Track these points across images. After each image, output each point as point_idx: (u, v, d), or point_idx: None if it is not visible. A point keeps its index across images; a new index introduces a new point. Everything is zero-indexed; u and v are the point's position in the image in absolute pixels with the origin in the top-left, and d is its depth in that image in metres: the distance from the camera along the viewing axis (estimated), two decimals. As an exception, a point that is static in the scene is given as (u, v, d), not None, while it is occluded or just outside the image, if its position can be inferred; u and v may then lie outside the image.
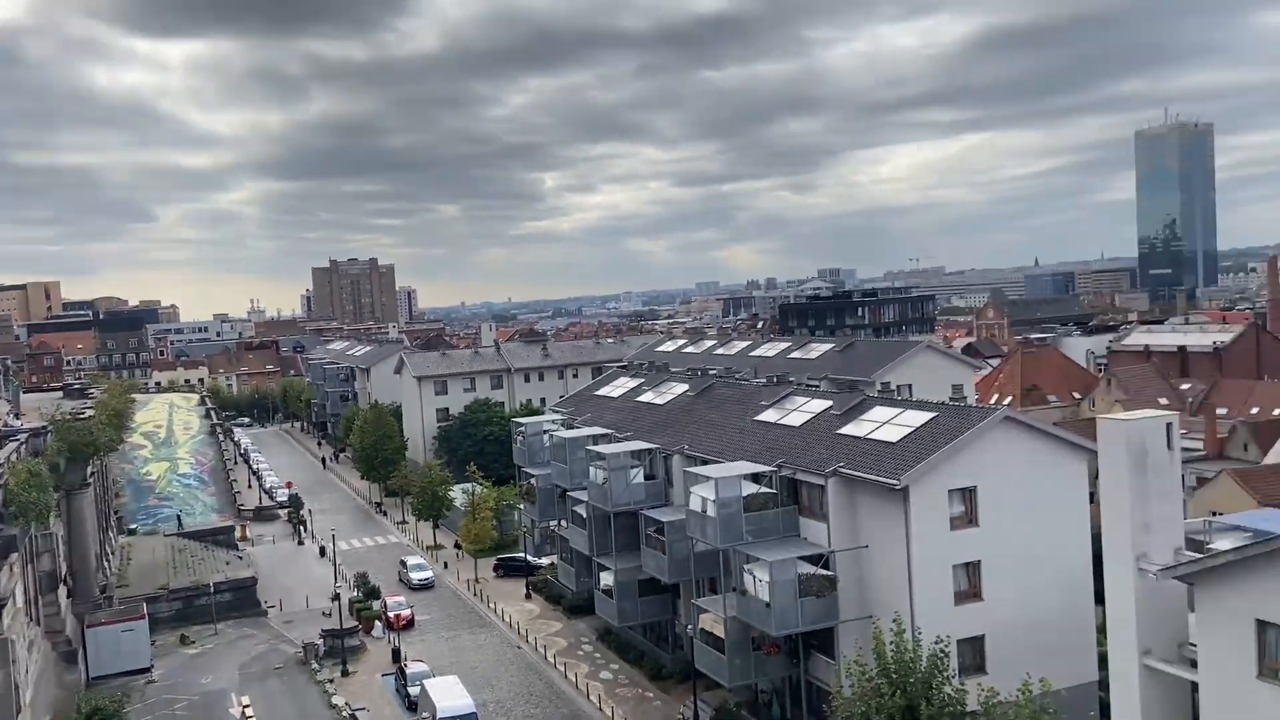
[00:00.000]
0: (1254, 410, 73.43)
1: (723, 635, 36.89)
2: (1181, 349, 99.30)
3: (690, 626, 40.09)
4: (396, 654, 49.33)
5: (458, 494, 72.63)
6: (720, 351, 77.84)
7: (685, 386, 52.42)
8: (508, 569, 63.63)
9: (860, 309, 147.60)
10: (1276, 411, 71.83)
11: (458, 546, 70.22)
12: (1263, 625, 21.61)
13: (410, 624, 54.28)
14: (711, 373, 55.34)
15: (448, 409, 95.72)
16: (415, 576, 62.38)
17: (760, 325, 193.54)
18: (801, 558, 34.82)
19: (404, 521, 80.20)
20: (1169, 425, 26.86)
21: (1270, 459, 59.67)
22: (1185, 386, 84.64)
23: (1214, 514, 39.82)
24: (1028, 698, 21.29)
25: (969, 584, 33.55)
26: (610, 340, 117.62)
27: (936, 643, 24.15)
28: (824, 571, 34.56)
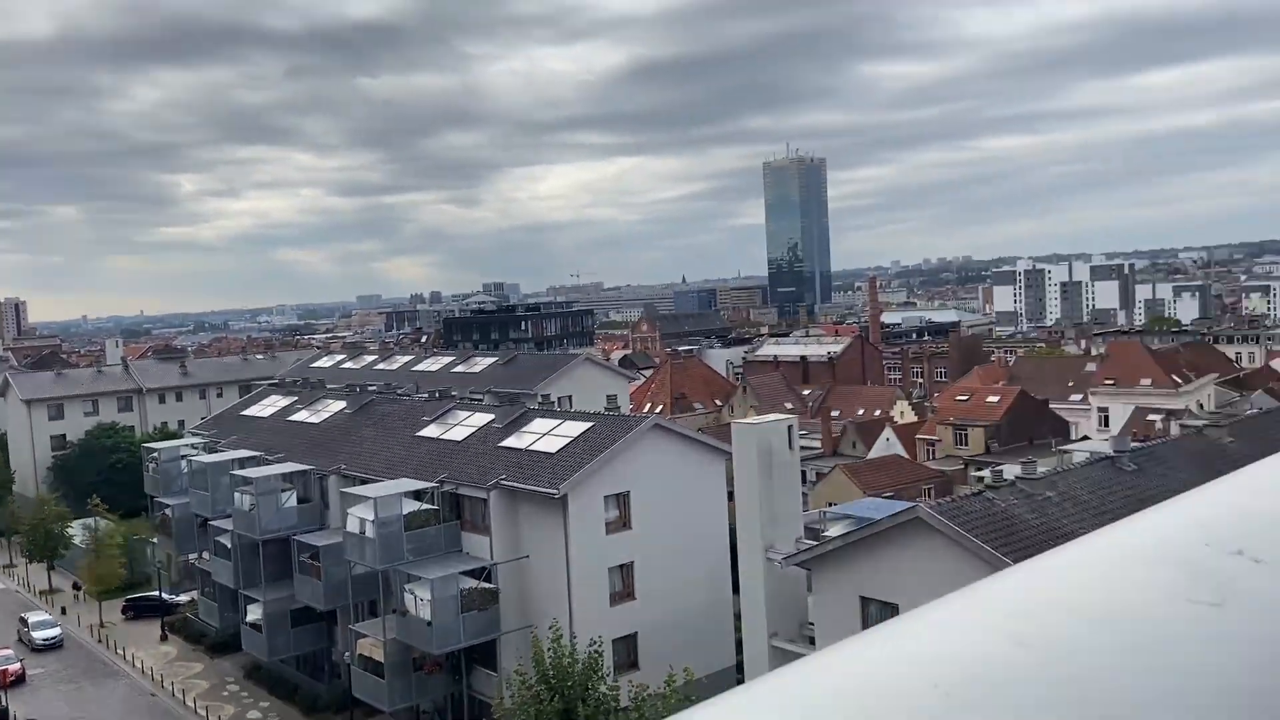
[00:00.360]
0: (860, 412, 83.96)
1: (382, 659, 35.89)
2: (803, 359, 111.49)
3: (348, 653, 38.58)
4: (4, 715, 42.81)
5: (78, 530, 64.41)
6: (381, 366, 75.68)
7: (343, 403, 50.45)
8: (140, 609, 57.35)
9: (523, 323, 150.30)
10: (878, 413, 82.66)
11: (77, 588, 62.28)
12: (865, 601, 24.78)
13: (20, 679, 47.28)
14: (371, 389, 53.72)
15: (65, 435, 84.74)
16: (40, 635, 53.30)
17: (424, 339, 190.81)
18: (464, 573, 34.80)
19: (11, 565, 69.84)
20: (790, 427, 30.05)
21: (873, 454, 68.55)
22: (806, 392, 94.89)
23: (829, 505, 44.97)
24: (672, 689, 22.78)
25: (623, 585, 35.32)
26: (260, 356, 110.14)
27: (591, 645, 25.15)
28: (486, 585, 34.77)
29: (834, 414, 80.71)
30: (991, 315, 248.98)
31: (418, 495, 36.72)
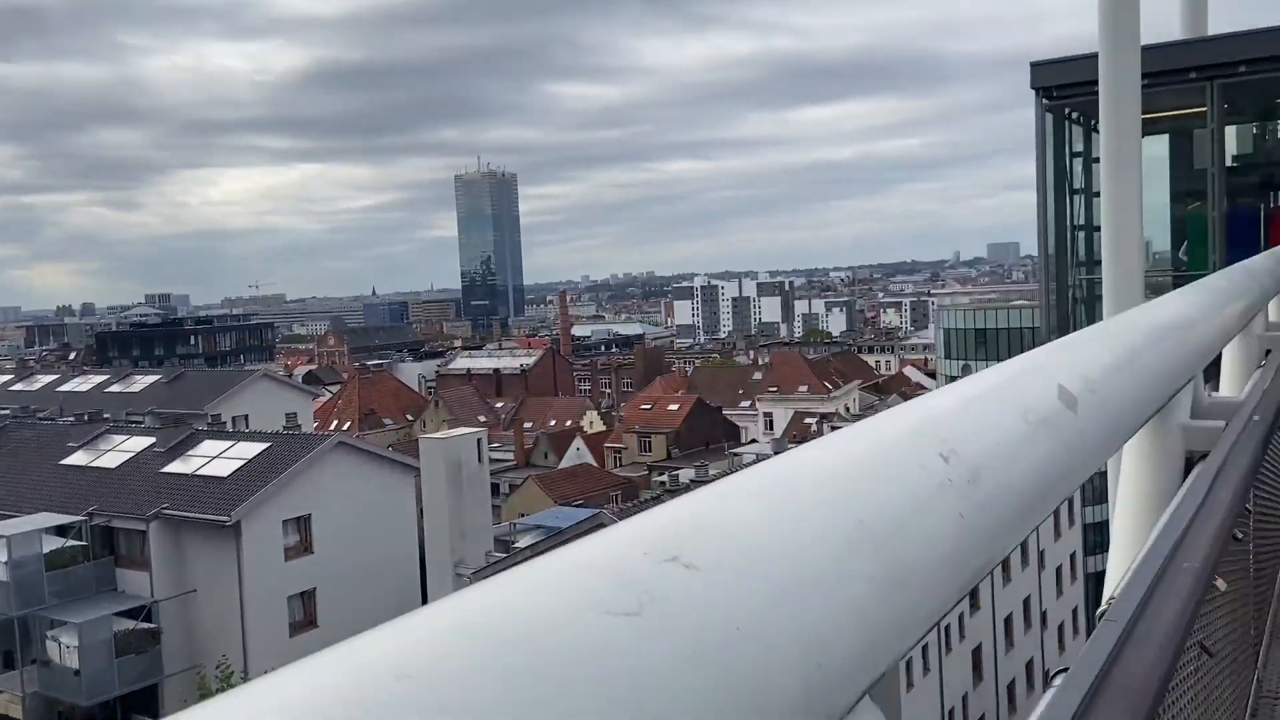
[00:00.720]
0: (552, 423, 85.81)
1: (20, 716, 31.66)
2: (497, 371, 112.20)
3: (-25, 717, 33.61)
4: None
5: None
6: (19, 387, 66.90)
7: (-35, 431, 43.94)
8: None
9: (193, 337, 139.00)
10: (569, 423, 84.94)
11: None
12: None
13: None
14: (4, 412, 47.28)
15: None
16: None
17: (73, 356, 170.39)
18: (120, 613, 31.55)
19: None
20: (479, 441, 30.27)
21: (564, 464, 70.33)
22: (500, 405, 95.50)
23: (521, 516, 45.57)
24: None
25: (304, 613, 33.65)
26: None
27: (268, 678, 23.78)
28: (146, 625, 31.75)
29: (527, 426, 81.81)
30: (673, 328, 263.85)
31: (62, 531, 32.80)
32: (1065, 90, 16.42)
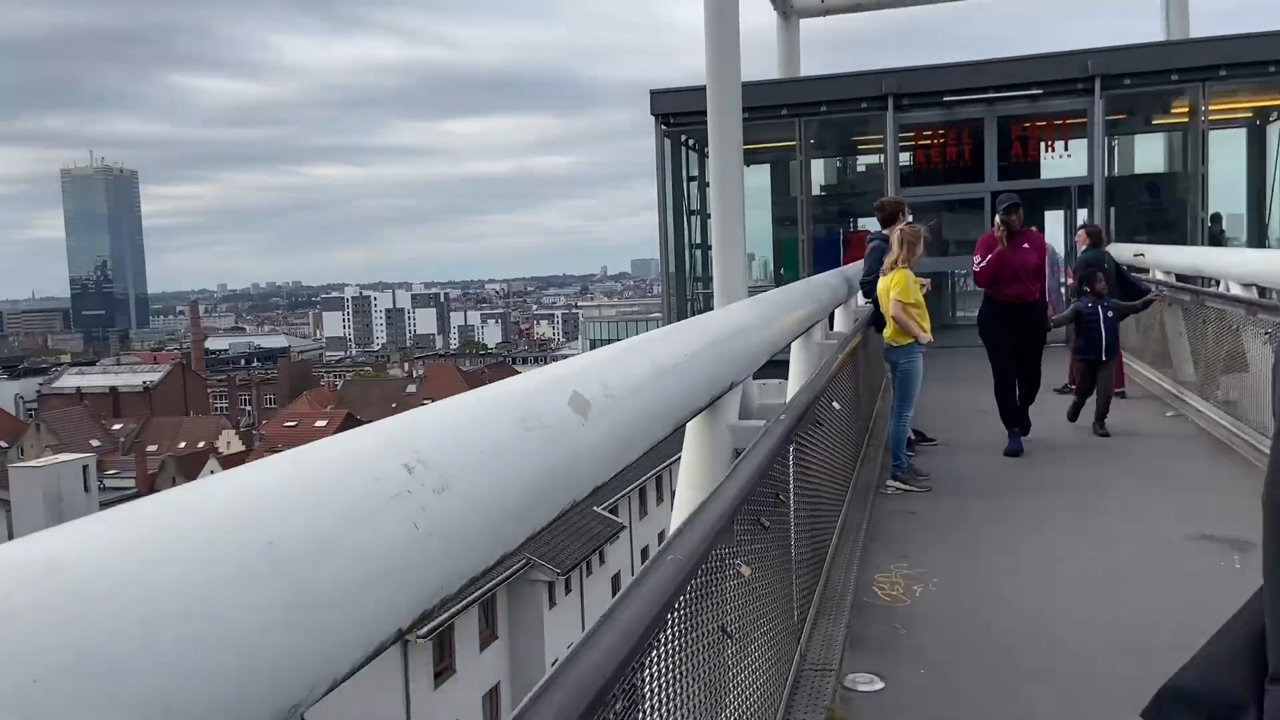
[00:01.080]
0: (182, 444, 78.45)
1: None
2: (114, 390, 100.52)
3: None
4: None
5: None
6: None
7: None
8: None
9: None
10: (201, 444, 78.11)
11: None
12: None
13: None
14: None
15: None
16: None
17: None
18: None
19: None
20: (86, 467, 26.95)
21: (196, 489, 64.54)
22: (118, 426, 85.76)
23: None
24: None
25: None
26: None
27: None
28: None
29: (151, 449, 74.11)
30: (322, 341, 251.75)
31: None
32: (680, 118, 17.80)
